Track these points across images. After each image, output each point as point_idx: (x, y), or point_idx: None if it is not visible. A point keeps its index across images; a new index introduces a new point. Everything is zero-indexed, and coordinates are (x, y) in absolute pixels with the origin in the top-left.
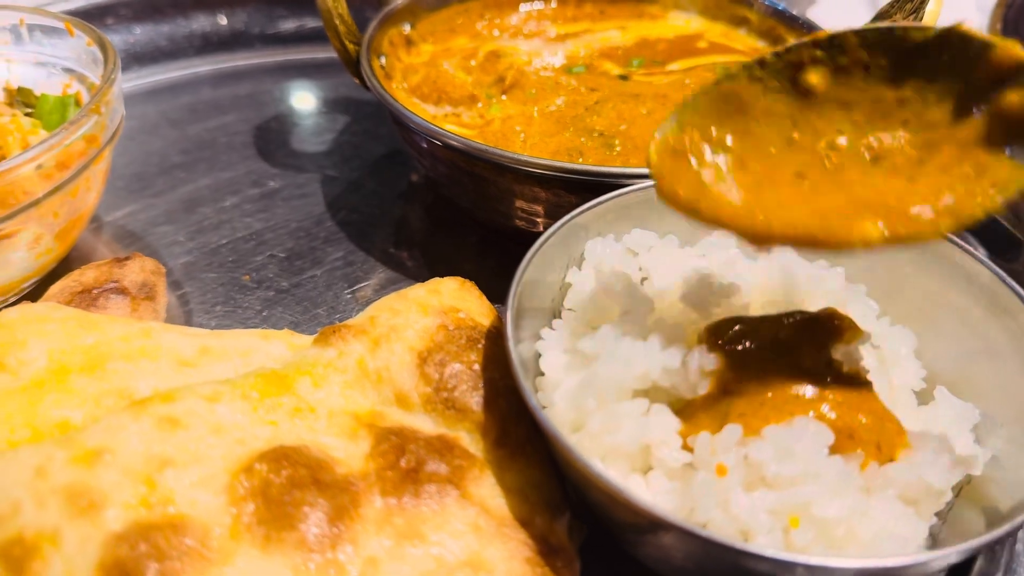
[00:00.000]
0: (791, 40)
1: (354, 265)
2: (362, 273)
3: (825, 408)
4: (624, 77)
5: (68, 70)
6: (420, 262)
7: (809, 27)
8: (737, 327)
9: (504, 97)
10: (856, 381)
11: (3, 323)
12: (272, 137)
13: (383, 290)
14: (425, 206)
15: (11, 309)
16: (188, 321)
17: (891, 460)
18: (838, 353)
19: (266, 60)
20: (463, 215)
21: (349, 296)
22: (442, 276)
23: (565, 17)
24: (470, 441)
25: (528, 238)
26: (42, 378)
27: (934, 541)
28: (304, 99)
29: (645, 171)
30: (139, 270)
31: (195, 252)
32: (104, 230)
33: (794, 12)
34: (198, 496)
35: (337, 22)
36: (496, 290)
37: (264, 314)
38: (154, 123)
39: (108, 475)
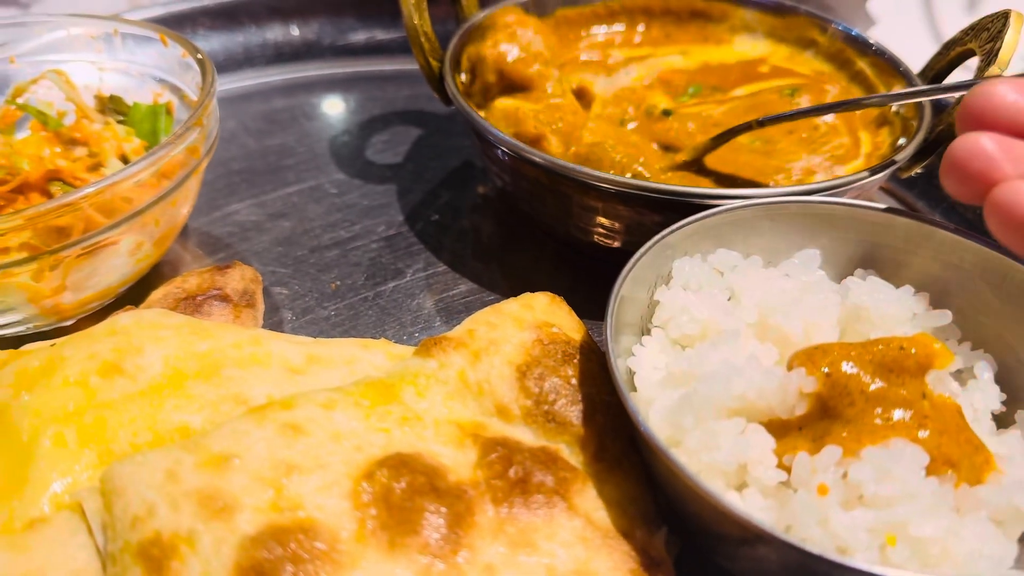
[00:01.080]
0: (860, 64)
1: (434, 276)
2: (442, 284)
3: (919, 431)
4: (667, 112)
5: (159, 79)
6: (497, 274)
7: (880, 52)
8: (835, 352)
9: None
10: (947, 405)
11: (119, 329)
12: (349, 149)
13: (464, 300)
14: (498, 218)
15: (123, 315)
16: (281, 327)
17: (979, 482)
18: (930, 377)
19: (336, 71)
20: (534, 227)
21: (432, 306)
22: (517, 288)
23: (630, 42)
24: (569, 454)
25: (603, 253)
26: (160, 383)
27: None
28: (376, 110)
29: (727, 192)
30: (240, 278)
31: (282, 259)
32: (190, 236)
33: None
34: (324, 501)
35: (422, 39)
36: (573, 302)
37: (352, 321)
38: (233, 132)
39: (238, 479)
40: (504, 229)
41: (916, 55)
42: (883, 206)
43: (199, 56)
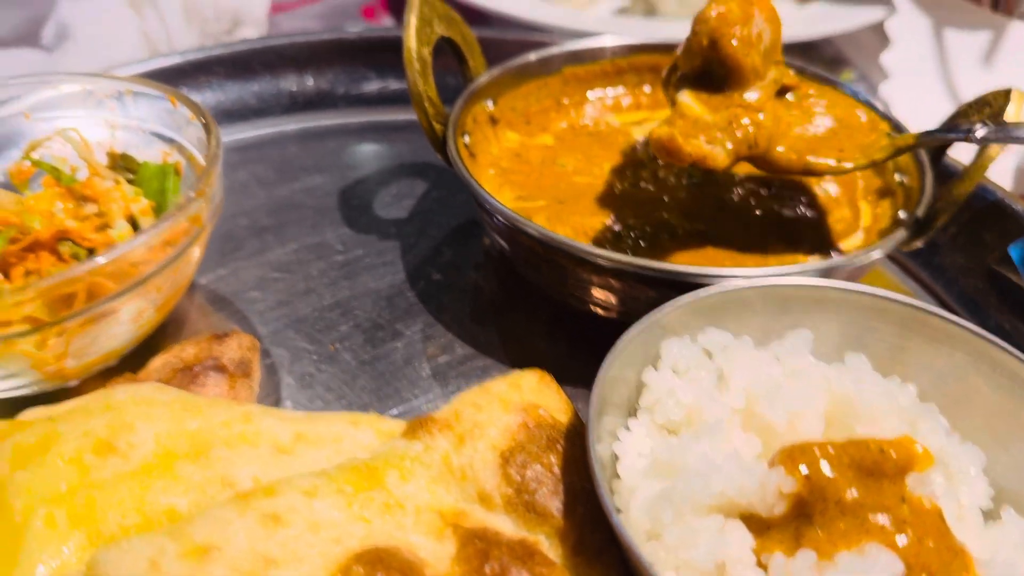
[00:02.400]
0: None
1: (432, 339)
2: (439, 348)
3: (897, 536)
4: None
5: (168, 139)
6: (494, 337)
7: (884, 116)
8: (816, 451)
9: None
10: (927, 510)
11: (114, 404)
12: (356, 202)
13: (460, 366)
14: (499, 278)
15: (119, 389)
16: (277, 390)
17: None
18: (911, 480)
19: (350, 120)
20: (535, 289)
21: (428, 371)
22: (514, 352)
23: (636, 104)
24: (549, 546)
25: (600, 322)
26: (150, 463)
27: None
28: (386, 162)
29: (722, 271)
30: (236, 347)
31: (284, 319)
32: (195, 293)
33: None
34: None
35: (426, 104)
36: (566, 371)
37: (349, 386)
38: (243, 183)
39: (217, 572)
40: (504, 289)
41: (930, 111)
42: (878, 291)
43: (205, 121)
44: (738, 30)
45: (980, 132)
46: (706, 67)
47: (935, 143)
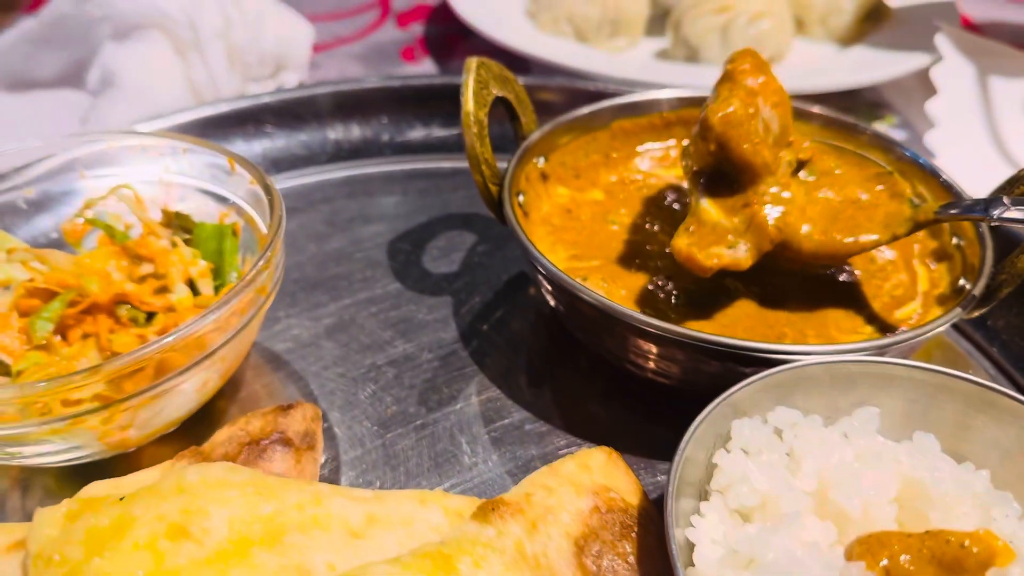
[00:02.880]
0: (918, 189)
1: (487, 403)
2: (495, 413)
3: None
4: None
5: (222, 199)
6: (550, 401)
7: (940, 179)
8: (895, 545)
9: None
10: None
11: (186, 487)
12: (405, 255)
13: (516, 431)
14: (551, 336)
15: (190, 470)
16: (337, 458)
17: None
18: (991, 574)
19: (395, 168)
20: (589, 350)
21: (486, 438)
22: (570, 419)
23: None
24: None
25: (656, 387)
26: (225, 549)
27: None
28: (434, 211)
29: (787, 347)
30: (301, 419)
31: (339, 379)
32: (251, 351)
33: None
34: None
35: (483, 167)
36: (625, 436)
37: (407, 454)
38: (293, 235)
39: None
40: (557, 348)
41: (976, 162)
42: (942, 369)
43: (265, 186)
44: (744, 130)
45: (996, 211)
46: (718, 167)
47: (953, 219)
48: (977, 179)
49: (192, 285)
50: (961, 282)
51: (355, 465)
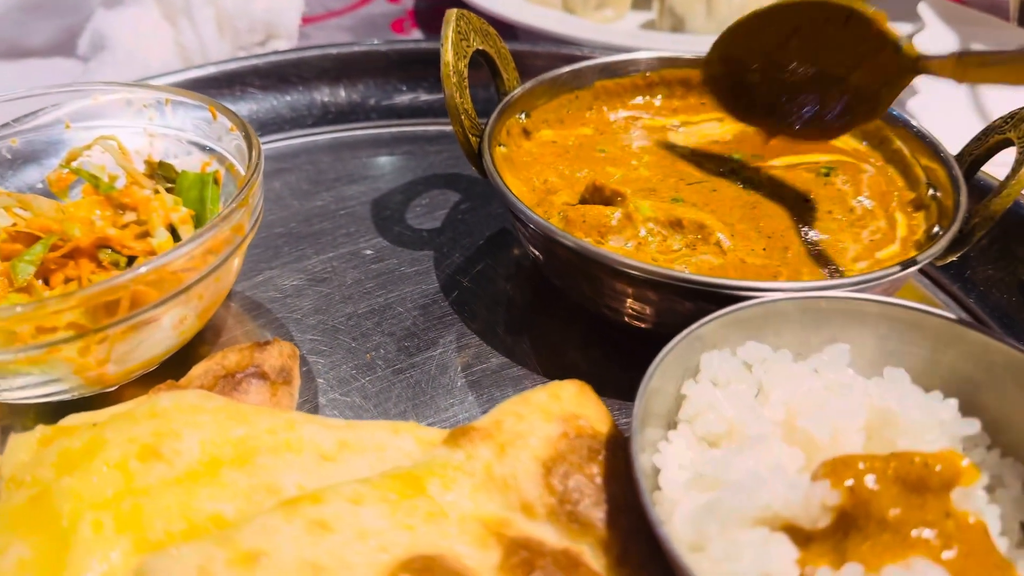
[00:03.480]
0: (897, 143)
1: (466, 349)
2: (473, 358)
3: (943, 551)
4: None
5: (207, 148)
6: (527, 347)
7: (921, 135)
8: (861, 464)
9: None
10: (972, 526)
11: (159, 412)
12: (389, 212)
13: (494, 376)
14: (531, 288)
15: (163, 396)
16: (316, 398)
17: None
18: (955, 494)
19: (381, 131)
20: (568, 300)
21: (463, 381)
22: (548, 363)
23: (669, 109)
24: (592, 556)
25: (633, 332)
26: (196, 470)
27: None
28: (418, 173)
29: (760, 284)
30: (278, 355)
31: (320, 327)
32: (233, 299)
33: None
34: None
35: (463, 117)
36: (602, 381)
37: (386, 394)
38: (277, 192)
39: None
40: (537, 299)
41: (956, 129)
42: (915, 304)
43: (246, 132)
44: None
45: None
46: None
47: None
48: (958, 145)
49: (174, 231)
50: (936, 229)
51: (332, 407)
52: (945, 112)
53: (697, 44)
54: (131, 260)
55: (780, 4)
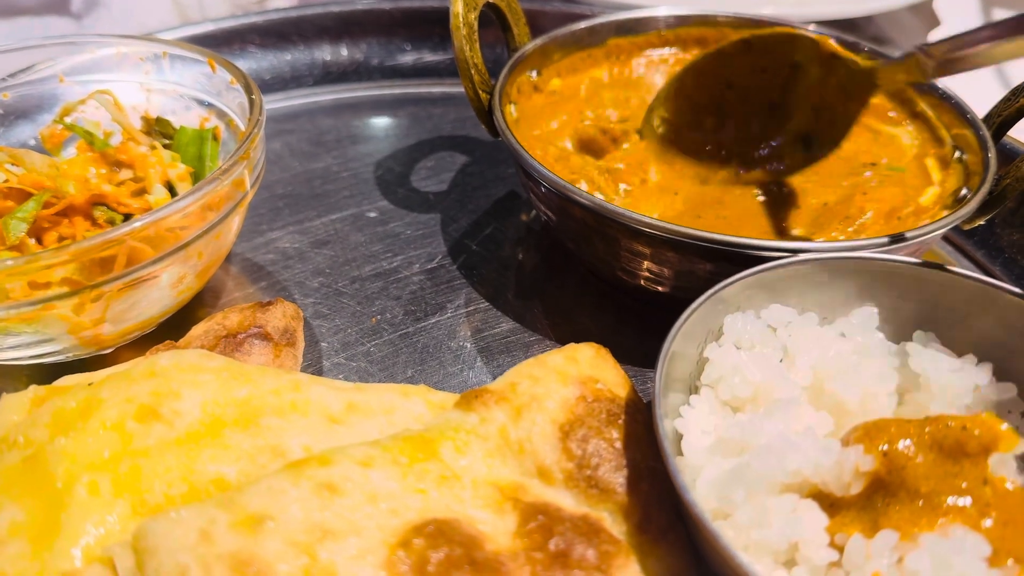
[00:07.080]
0: (922, 104)
1: (475, 314)
2: (483, 322)
3: (982, 519)
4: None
5: (206, 103)
6: (538, 312)
7: (947, 97)
8: (894, 429)
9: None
10: (1010, 493)
11: (158, 371)
12: (394, 174)
13: (505, 340)
14: (541, 252)
15: (163, 355)
16: (320, 362)
17: None
18: (993, 459)
19: (384, 92)
20: (579, 264)
21: (472, 346)
22: (559, 328)
23: (681, 63)
24: (612, 522)
25: (648, 296)
26: (197, 431)
27: None
28: (423, 134)
29: (783, 244)
30: (281, 315)
31: (323, 290)
32: (233, 261)
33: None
34: (358, 570)
35: (472, 72)
36: (614, 347)
37: (392, 359)
38: (278, 153)
39: (271, 544)
40: (547, 264)
41: (977, 92)
42: (946, 266)
43: (247, 86)
44: None
45: None
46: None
47: None
48: (980, 110)
49: (171, 188)
50: (964, 191)
51: (337, 371)
52: (966, 79)
53: (713, 2)
54: (127, 218)
55: (707, 55)
